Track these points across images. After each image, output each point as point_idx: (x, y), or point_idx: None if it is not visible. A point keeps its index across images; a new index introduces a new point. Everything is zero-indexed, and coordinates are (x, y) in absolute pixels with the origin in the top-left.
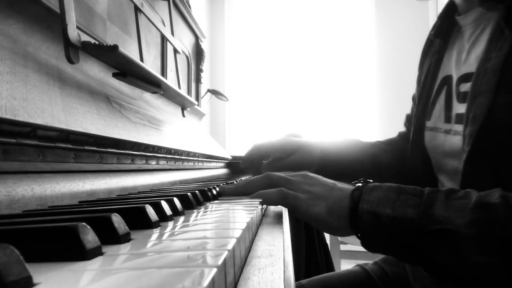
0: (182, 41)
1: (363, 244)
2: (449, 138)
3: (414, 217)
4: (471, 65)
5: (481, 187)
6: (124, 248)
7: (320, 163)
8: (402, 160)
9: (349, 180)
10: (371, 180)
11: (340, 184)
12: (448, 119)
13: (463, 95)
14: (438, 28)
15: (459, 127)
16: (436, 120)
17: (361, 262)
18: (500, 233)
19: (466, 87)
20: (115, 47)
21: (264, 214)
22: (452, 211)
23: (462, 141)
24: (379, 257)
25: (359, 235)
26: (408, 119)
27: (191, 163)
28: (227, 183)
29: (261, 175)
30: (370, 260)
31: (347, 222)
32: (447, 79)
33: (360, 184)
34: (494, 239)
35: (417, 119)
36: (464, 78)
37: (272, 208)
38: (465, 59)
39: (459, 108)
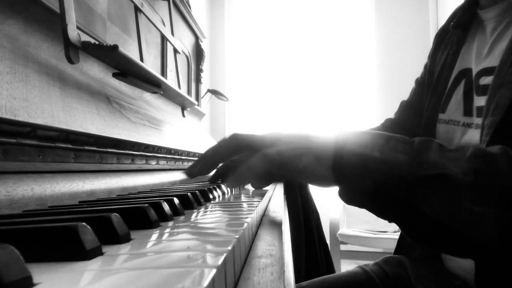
0: (182, 41)
1: (342, 194)
2: (470, 131)
3: (404, 162)
4: (494, 59)
5: None
6: (124, 248)
7: None
8: None
9: None
10: None
11: (315, 133)
12: (468, 112)
13: (482, 88)
14: (458, 19)
15: (481, 120)
16: (452, 113)
17: (361, 262)
18: (499, 183)
19: (487, 80)
20: (115, 47)
21: (264, 214)
22: (447, 160)
23: (481, 132)
24: (379, 258)
25: (340, 183)
26: (406, 106)
27: (191, 163)
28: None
29: (225, 139)
30: (370, 260)
31: (331, 168)
32: (466, 72)
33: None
34: (492, 188)
35: (430, 111)
36: (485, 72)
37: (272, 208)
38: (487, 54)
39: (479, 101)
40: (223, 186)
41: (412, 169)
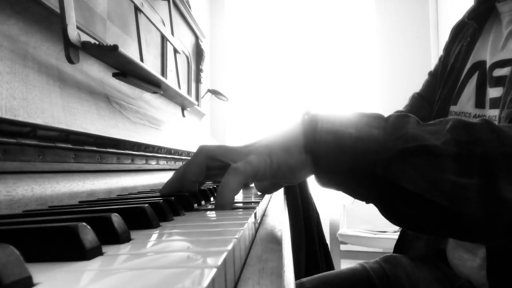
0: (182, 41)
1: (318, 177)
2: None
3: (380, 137)
4: (509, 52)
5: None
6: (124, 248)
7: None
8: None
9: None
10: None
11: (283, 127)
12: (480, 105)
13: (496, 79)
14: (473, 11)
15: (494, 112)
16: (464, 105)
17: (362, 262)
18: (481, 152)
19: (501, 72)
20: (115, 47)
21: (264, 214)
22: (427, 133)
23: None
24: (380, 256)
25: (316, 166)
26: (417, 98)
27: None
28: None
29: (193, 155)
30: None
31: (303, 151)
32: (480, 64)
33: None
34: (475, 158)
35: (441, 103)
36: (499, 64)
37: (272, 208)
38: (502, 46)
39: (492, 92)
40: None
41: (389, 143)
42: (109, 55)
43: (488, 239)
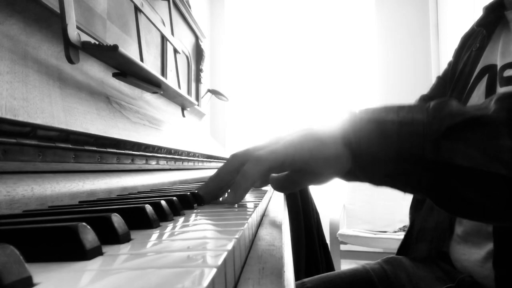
0: (182, 41)
1: (361, 168)
2: None
3: (424, 119)
4: None
5: None
6: (124, 248)
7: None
8: None
9: None
10: None
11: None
12: None
13: (506, 79)
14: (482, 19)
15: None
16: None
17: (361, 262)
18: None
19: (511, 72)
20: (115, 47)
21: (264, 214)
22: (473, 108)
23: None
24: (379, 257)
25: (356, 158)
26: (427, 100)
27: (191, 163)
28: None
29: (226, 161)
30: (370, 260)
31: (340, 142)
32: (490, 68)
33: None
34: None
35: None
36: (509, 65)
37: (272, 208)
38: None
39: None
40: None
41: (434, 124)
42: (109, 55)
43: None
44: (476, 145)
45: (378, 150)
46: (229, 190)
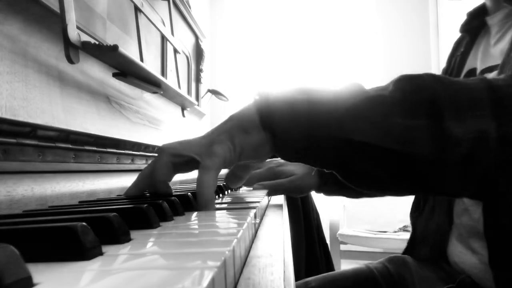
0: (182, 41)
1: (277, 148)
2: None
3: (331, 99)
4: (494, 58)
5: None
6: (124, 248)
7: None
8: None
9: None
10: None
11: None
12: None
13: None
14: (466, 25)
15: None
16: None
17: (361, 262)
18: (426, 97)
19: (489, 76)
20: (115, 47)
21: (264, 214)
22: (375, 89)
23: None
24: (380, 257)
25: (275, 139)
26: None
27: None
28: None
29: (155, 157)
30: (370, 260)
31: (260, 126)
32: (472, 72)
33: None
34: (420, 102)
35: None
36: (488, 70)
37: (272, 208)
38: (490, 54)
39: None
40: (222, 186)
41: (340, 103)
42: (109, 55)
43: (442, 183)
44: (373, 122)
45: (289, 129)
46: (196, 200)
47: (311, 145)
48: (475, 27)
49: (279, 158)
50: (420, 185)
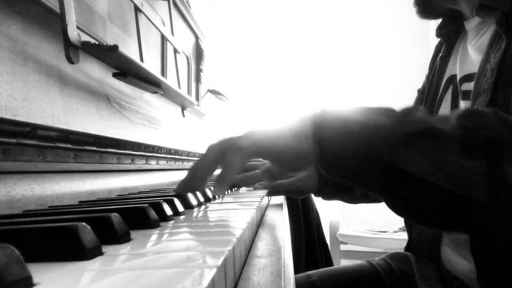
0: (182, 41)
1: (324, 165)
2: None
3: (388, 124)
4: (472, 65)
5: None
6: (124, 248)
7: None
8: None
9: None
10: None
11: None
12: None
13: (463, 93)
14: (442, 28)
15: None
16: None
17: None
18: (488, 136)
19: (468, 86)
20: (115, 47)
21: (264, 214)
22: (435, 120)
23: None
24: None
25: (322, 153)
26: None
27: (191, 163)
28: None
29: (202, 154)
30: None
31: (311, 138)
32: (453, 78)
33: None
34: (481, 142)
35: None
36: (465, 78)
37: (272, 208)
38: (467, 60)
39: (464, 106)
40: None
41: (396, 129)
42: (109, 55)
43: (493, 226)
44: (427, 156)
45: (339, 147)
46: (216, 179)
47: (360, 166)
48: (453, 30)
49: None
50: (469, 227)
